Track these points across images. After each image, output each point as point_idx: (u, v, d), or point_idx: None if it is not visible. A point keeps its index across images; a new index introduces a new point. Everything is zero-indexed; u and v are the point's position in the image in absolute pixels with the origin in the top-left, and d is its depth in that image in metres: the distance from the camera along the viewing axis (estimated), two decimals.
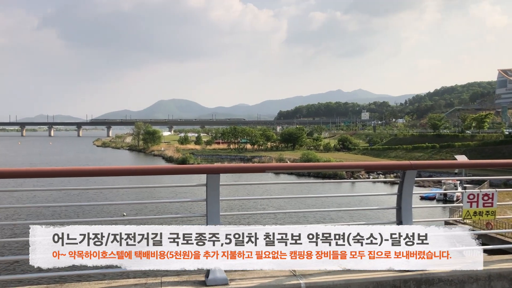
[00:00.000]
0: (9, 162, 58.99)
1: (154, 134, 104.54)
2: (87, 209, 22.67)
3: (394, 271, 4.28)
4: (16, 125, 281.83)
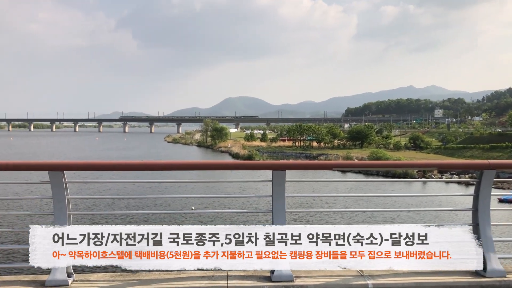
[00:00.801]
0: (89, 156, 62.88)
1: (221, 131, 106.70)
2: (158, 201, 23.59)
3: (469, 276, 4.07)
4: (94, 122, 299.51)
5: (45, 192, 25.86)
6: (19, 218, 16.94)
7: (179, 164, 4.62)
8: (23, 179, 6.76)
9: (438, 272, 4.10)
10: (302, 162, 4.32)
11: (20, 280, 4.26)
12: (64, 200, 4.30)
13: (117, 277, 4.29)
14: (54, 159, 28.30)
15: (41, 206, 20.26)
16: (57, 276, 4.12)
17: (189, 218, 20.25)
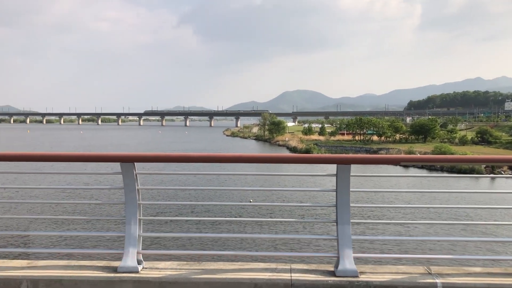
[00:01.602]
0: (154, 148, 65.22)
1: (279, 124, 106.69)
2: (218, 193, 24.04)
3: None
4: (157, 116, 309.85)
5: (113, 182, 27.21)
6: (90, 206, 17.92)
7: (240, 156, 4.67)
8: (92, 170, 7.12)
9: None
10: (368, 156, 4.22)
11: (94, 265, 4.50)
12: (135, 190, 4.49)
13: (183, 266, 4.42)
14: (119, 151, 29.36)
15: (109, 196, 21.29)
16: (128, 263, 4.31)
17: (248, 210, 20.49)
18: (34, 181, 24.95)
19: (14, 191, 21.11)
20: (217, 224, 16.69)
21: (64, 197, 20.57)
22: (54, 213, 16.64)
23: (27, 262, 4.68)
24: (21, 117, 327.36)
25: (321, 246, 14.33)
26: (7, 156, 4.92)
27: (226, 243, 14.64)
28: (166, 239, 13.22)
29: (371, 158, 4.26)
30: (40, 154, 4.87)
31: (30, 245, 12.24)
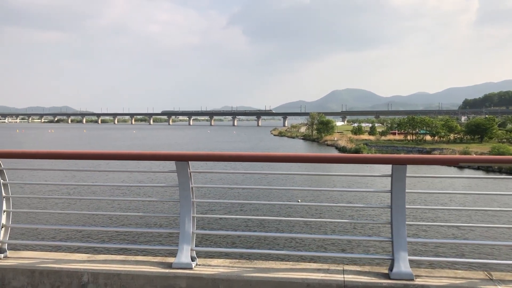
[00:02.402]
0: (203, 147, 66.36)
1: (328, 124, 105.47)
2: (266, 192, 24.13)
3: None
4: (206, 116, 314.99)
5: (165, 180, 27.96)
6: (145, 203, 18.52)
7: (290, 156, 4.66)
8: (146, 168, 7.33)
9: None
10: (426, 157, 4.09)
11: (149, 260, 4.64)
12: (189, 188, 4.59)
13: (235, 264, 4.47)
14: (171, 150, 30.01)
15: (163, 193, 21.89)
16: (183, 260, 4.41)
17: (297, 210, 20.41)
18: (91, 179, 26.05)
19: (73, 188, 22.16)
20: (266, 223, 16.75)
21: (119, 194, 21.36)
22: (110, 209, 17.32)
23: (87, 256, 4.90)
24: (78, 117, 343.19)
25: (374, 248, 14.04)
26: (66, 154, 5.17)
27: (274, 241, 14.67)
28: (217, 237, 13.42)
29: (429, 159, 4.13)
30: (99, 153, 5.08)
31: (89, 240, 12.80)
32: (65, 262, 4.66)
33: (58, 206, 18.62)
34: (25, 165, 7.85)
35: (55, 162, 19.29)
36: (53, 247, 8.38)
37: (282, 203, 16.94)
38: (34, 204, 17.15)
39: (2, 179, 4.93)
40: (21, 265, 4.61)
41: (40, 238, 12.68)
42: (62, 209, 17.65)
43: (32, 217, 14.89)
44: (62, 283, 4.48)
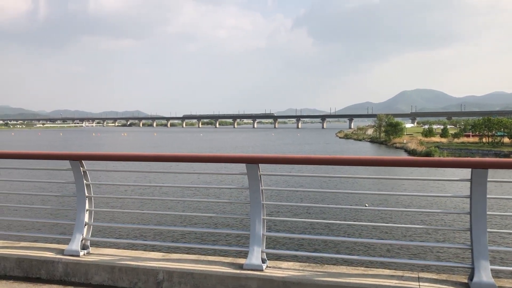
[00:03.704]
0: (268, 150, 66.76)
1: (396, 126, 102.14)
2: (331, 196, 23.81)
3: None
4: (270, 118, 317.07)
5: (231, 182, 28.44)
6: (217, 205, 18.96)
7: (357, 159, 4.56)
8: (215, 170, 7.51)
9: None
10: (510, 161, 3.84)
11: (221, 261, 4.74)
12: (259, 190, 4.64)
13: (306, 267, 4.45)
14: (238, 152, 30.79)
15: (231, 195, 22.31)
16: (253, 261, 4.46)
17: (365, 214, 19.96)
18: (161, 180, 27.11)
19: (145, 188, 23.17)
20: (333, 226, 16.53)
21: (189, 195, 22.04)
22: (182, 209, 17.92)
23: (162, 254, 5.10)
24: (149, 121, 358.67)
25: (450, 255, 13.35)
26: (143, 156, 5.43)
27: (342, 245, 14.44)
28: (285, 239, 13.44)
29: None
30: (173, 155, 5.29)
31: (163, 239, 13.32)
32: (141, 260, 4.88)
33: (133, 206, 19.57)
34: (104, 166, 8.40)
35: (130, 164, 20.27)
36: (129, 244, 8.82)
37: (349, 207, 16.64)
38: (110, 203, 18.12)
39: (85, 180, 5.26)
40: (102, 261, 4.89)
41: (118, 236, 13.35)
42: (137, 209, 18.52)
43: (110, 216, 15.75)
44: (139, 280, 4.69)
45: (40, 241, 6.18)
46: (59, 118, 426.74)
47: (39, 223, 15.38)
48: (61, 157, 5.37)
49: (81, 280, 4.91)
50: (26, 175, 22.07)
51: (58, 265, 5.00)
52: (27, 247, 5.47)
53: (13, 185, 23.27)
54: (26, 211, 16.61)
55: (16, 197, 18.88)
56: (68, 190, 17.42)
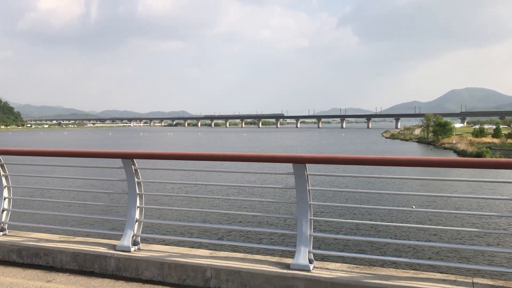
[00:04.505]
0: (312, 150, 66.34)
1: (445, 125, 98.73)
2: (375, 196, 23.35)
3: None
4: (313, 118, 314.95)
5: (279, 181, 28.43)
6: (260, 204, 19.06)
7: (405, 160, 4.44)
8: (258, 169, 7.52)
9: None
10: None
11: (268, 260, 4.75)
12: (306, 191, 4.62)
13: (354, 269, 4.39)
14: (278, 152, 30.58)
15: (277, 194, 22.35)
16: (300, 261, 4.44)
17: (412, 215, 19.43)
18: (206, 179, 27.50)
19: (190, 186, 23.59)
20: (379, 227, 16.19)
21: (234, 194, 22.26)
22: (227, 208, 18.13)
23: (209, 252, 5.18)
24: (194, 121, 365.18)
25: (507, 261, 12.74)
26: (188, 155, 5.55)
27: (389, 247, 14.12)
28: (331, 240, 13.31)
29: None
30: (221, 154, 5.36)
31: (210, 236, 13.51)
32: (189, 256, 4.97)
33: (180, 203, 19.99)
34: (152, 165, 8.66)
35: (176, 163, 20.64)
36: (177, 241, 9.00)
37: (396, 208, 16.21)
38: (158, 200, 18.57)
39: (136, 178, 5.43)
40: (152, 257, 5.03)
41: (166, 233, 13.67)
42: (183, 206, 18.89)
43: (158, 213, 16.15)
44: (188, 277, 4.79)
45: (93, 236, 6.44)
46: (108, 118, 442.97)
47: (91, 218, 16.00)
48: (113, 155, 5.56)
49: (132, 275, 5.07)
50: (79, 173, 23.04)
51: (110, 260, 5.18)
52: (82, 241, 5.71)
53: (67, 182, 24.35)
54: (79, 207, 17.33)
55: (69, 194, 19.73)
56: (118, 187, 18.13)
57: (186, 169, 5.64)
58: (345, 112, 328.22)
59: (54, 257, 5.49)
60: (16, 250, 5.70)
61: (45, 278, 5.15)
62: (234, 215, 16.50)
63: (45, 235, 6.14)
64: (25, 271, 5.38)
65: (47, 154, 6.40)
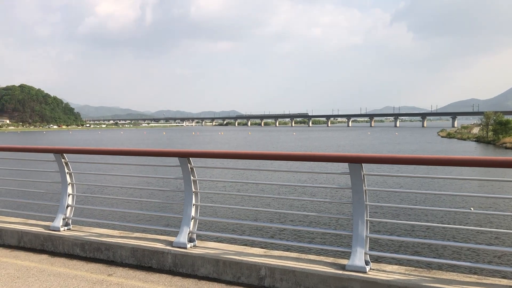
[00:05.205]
0: (364, 149, 65.08)
1: (507, 124, 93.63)
2: (431, 197, 22.55)
3: None
4: (366, 117, 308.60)
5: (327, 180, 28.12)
6: (311, 203, 18.95)
7: (464, 160, 4.25)
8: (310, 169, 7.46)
9: None
10: None
11: (322, 260, 4.71)
12: (362, 191, 4.53)
13: (412, 272, 4.26)
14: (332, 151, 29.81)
15: (327, 194, 22.15)
16: (356, 262, 4.37)
17: (471, 217, 18.62)
18: (255, 177, 27.62)
19: (241, 185, 23.84)
20: (436, 229, 15.64)
21: (284, 192, 22.26)
22: (279, 207, 18.15)
23: (264, 250, 5.20)
24: (244, 120, 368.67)
25: None
26: (241, 154, 5.58)
27: (446, 249, 13.60)
28: (387, 241, 12.99)
29: None
30: (272, 153, 5.36)
31: (263, 235, 13.58)
32: (244, 255, 5.02)
33: (232, 201, 20.25)
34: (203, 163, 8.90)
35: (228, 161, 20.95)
36: (231, 239, 9.12)
37: (454, 209, 15.61)
38: (211, 198, 18.88)
39: (192, 176, 5.55)
40: (207, 254, 5.11)
41: (219, 230, 13.87)
42: (236, 204, 19.10)
43: (211, 211, 16.43)
44: (242, 275, 4.83)
45: (149, 232, 6.65)
46: (162, 118, 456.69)
47: (148, 215, 16.53)
48: (170, 154, 5.71)
49: (188, 271, 5.18)
50: (136, 171, 23.87)
51: (167, 256, 5.33)
52: (140, 237, 5.91)
53: (124, 180, 25.34)
54: (136, 204, 17.96)
55: (126, 191, 20.50)
56: (172, 185, 18.64)
57: (239, 168, 5.71)
58: (399, 111, 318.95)
59: (114, 252, 5.72)
60: (79, 244, 5.99)
61: (106, 271, 5.37)
62: (285, 214, 16.47)
63: (106, 230, 6.41)
64: (88, 265, 5.65)
65: (107, 152, 6.68)
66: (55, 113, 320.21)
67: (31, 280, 5.11)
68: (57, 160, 6.47)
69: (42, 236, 6.30)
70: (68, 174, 6.49)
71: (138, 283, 4.96)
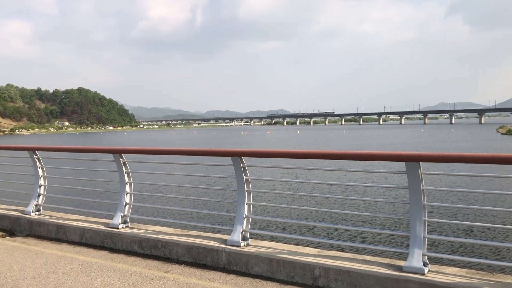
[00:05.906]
0: (420, 148, 63.10)
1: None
2: (491, 197, 21.51)
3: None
4: (419, 114, 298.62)
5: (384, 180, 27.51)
6: (364, 203, 18.61)
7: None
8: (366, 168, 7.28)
9: None
10: None
11: (378, 261, 4.61)
12: (420, 190, 4.40)
13: (474, 275, 4.09)
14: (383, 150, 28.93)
15: (382, 193, 21.65)
16: (414, 264, 4.26)
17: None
18: (306, 177, 27.45)
19: (293, 184, 23.76)
20: (498, 230, 14.88)
21: (335, 192, 21.95)
22: (331, 206, 17.93)
23: (317, 250, 5.16)
24: (292, 119, 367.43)
25: None
26: (295, 153, 5.58)
27: (505, 252, 12.92)
28: (445, 242, 12.54)
29: None
30: (323, 152, 5.30)
31: (316, 235, 13.50)
32: (297, 254, 5.00)
33: (284, 200, 20.26)
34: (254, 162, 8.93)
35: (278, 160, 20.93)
36: (284, 238, 9.14)
37: (504, 210, 14.75)
38: (263, 196, 18.94)
39: (245, 175, 5.60)
40: (261, 253, 5.15)
41: (272, 229, 13.92)
42: (287, 203, 19.09)
43: (263, 210, 16.49)
44: (296, 274, 4.82)
45: (203, 230, 6.78)
46: (212, 118, 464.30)
47: (201, 213, 16.88)
48: (223, 153, 5.80)
49: (242, 269, 5.24)
50: (189, 170, 24.33)
51: (222, 254, 5.41)
52: (194, 235, 6.04)
53: (178, 178, 25.99)
54: (189, 202, 18.34)
55: (179, 189, 20.96)
56: (224, 184, 18.88)
57: (290, 167, 5.69)
58: (454, 107, 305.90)
59: (170, 249, 5.88)
60: (137, 242, 6.21)
61: (163, 268, 5.54)
62: (337, 214, 16.26)
63: (162, 228, 6.60)
64: (145, 261, 5.85)
65: (163, 152, 6.89)
66: (110, 115, 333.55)
67: (94, 275, 5.36)
68: (115, 160, 6.73)
69: (102, 233, 6.59)
70: (126, 173, 6.74)
71: (194, 280, 5.07)
